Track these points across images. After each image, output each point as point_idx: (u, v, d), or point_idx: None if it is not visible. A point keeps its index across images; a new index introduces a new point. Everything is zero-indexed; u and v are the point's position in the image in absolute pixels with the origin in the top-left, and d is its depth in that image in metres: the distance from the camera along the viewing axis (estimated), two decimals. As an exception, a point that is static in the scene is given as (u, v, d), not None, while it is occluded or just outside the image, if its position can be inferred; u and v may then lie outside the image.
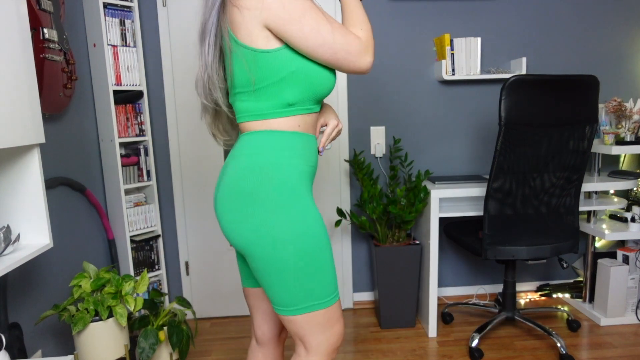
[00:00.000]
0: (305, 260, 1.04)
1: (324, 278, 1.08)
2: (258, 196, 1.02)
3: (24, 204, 1.34)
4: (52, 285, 1.83)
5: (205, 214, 2.55)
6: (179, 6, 2.37)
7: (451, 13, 2.52)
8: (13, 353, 1.50)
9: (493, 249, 1.98)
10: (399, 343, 2.26)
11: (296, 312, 1.07)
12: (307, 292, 1.06)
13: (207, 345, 2.32)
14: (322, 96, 1.10)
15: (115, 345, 1.73)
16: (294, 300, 1.06)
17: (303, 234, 1.03)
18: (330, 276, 1.09)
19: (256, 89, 1.05)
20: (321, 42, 0.99)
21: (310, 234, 1.04)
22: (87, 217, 2.14)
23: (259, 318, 1.30)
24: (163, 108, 2.45)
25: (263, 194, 1.02)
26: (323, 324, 1.10)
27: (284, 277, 1.04)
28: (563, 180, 1.92)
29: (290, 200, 1.03)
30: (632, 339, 2.22)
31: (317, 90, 1.07)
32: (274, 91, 1.04)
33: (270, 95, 1.05)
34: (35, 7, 1.57)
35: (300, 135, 1.09)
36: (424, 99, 2.58)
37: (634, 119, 2.35)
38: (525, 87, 1.76)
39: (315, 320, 1.09)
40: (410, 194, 2.28)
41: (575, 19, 2.59)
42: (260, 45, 1.01)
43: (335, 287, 1.11)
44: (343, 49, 1.01)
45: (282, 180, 1.04)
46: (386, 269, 2.33)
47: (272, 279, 1.05)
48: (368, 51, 1.05)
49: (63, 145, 1.94)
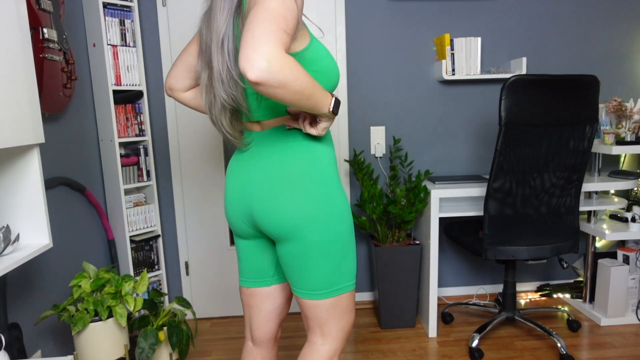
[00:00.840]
0: (345, 239, 1.11)
1: (353, 259, 1.14)
2: (312, 177, 1.08)
3: (24, 204, 1.34)
4: (51, 286, 1.82)
5: (205, 214, 2.55)
6: (178, 6, 2.37)
7: (451, 13, 2.52)
8: (13, 353, 1.49)
9: (493, 249, 1.98)
10: (399, 343, 2.26)
11: (326, 296, 1.11)
12: (339, 274, 1.11)
13: (207, 345, 2.32)
14: (334, 89, 1.13)
15: (115, 346, 1.73)
16: (328, 283, 1.10)
17: (347, 213, 1.12)
18: (355, 258, 1.15)
19: None
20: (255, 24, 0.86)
21: (349, 214, 1.13)
22: (87, 217, 2.14)
23: (260, 318, 1.29)
24: (163, 108, 2.45)
25: (316, 175, 1.08)
26: (344, 307, 1.15)
27: (327, 257, 1.09)
28: (563, 180, 1.92)
29: (336, 181, 1.12)
30: (633, 339, 2.22)
31: (333, 85, 1.10)
32: None
33: None
34: (34, 7, 1.57)
35: None
36: (424, 99, 2.58)
37: (634, 118, 2.35)
38: (525, 87, 1.76)
39: (341, 303, 1.13)
40: (410, 194, 2.28)
41: (575, 19, 2.59)
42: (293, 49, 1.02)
43: (356, 270, 1.17)
44: (251, 35, 0.85)
45: (329, 163, 1.12)
46: (386, 269, 2.33)
47: (314, 261, 1.09)
48: (262, 68, 0.83)
49: (63, 145, 1.94)
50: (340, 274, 1.11)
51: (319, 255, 1.08)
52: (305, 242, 1.08)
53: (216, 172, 2.52)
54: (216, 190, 2.53)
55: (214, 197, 2.54)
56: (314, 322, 1.15)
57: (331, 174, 1.11)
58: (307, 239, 1.07)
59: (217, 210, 2.55)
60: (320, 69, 1.06)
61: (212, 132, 2.48)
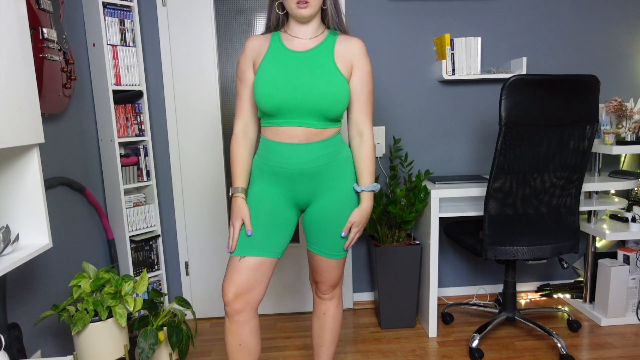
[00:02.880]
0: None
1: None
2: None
3: (24, 204, 1.34)
4: (51, 286, 1.82)
5: (205, 214, 2.55)
6: (178, 6, 2.37)
7: (451, 13, 2.52)
8: (12, 353, 1.49)
9: (493, 249, 1.98)
10: (399, 343, 2.26)
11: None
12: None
13: (207, 345, 2.32)
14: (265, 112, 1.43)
15: (115, 346, 1.72)
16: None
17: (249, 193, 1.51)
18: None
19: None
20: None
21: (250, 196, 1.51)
22: (87, 217, 2.14)
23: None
24: (163, 108, 2.45)
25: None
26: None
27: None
28: (563, 180, 1.92)
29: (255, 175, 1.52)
30: (633, 340, 2.22)
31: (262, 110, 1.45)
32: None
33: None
34: (34, 7, 1.57)
35: None
36: (424, 99, 2.58)
37: (635, 118, 2.35)
38: (525, 87, 1.75)
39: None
40: (411, 194, 2.28)
41: (575, 19, 2.58)
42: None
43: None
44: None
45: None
46: (386, 269, 2.33)
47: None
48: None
49: (62, 145, 1.94)
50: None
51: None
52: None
53: (216, 172, 2.52)
54: (216, 190, 2.53)
55: (214, 197, 2.54)
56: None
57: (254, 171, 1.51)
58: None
59: (217, 209, 2.55)
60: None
61: (212, 132, 2.48)
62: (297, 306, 2.67)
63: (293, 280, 2.64)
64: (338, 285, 1.63)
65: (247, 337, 1.42)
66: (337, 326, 1.68)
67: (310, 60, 1.39)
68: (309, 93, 1.35)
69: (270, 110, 1.38)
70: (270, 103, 1.36)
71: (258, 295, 1.41)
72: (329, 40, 1.43)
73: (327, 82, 1.36)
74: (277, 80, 1.36)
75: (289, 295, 2.65)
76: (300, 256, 2.61)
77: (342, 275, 1.61)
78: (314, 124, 1.39)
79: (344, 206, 1.47)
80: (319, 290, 1.63)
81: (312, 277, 1.64)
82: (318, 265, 1.56)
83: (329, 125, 1.42)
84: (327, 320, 1.66)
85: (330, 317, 1.65)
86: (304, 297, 2.66)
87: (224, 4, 2.42)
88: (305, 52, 1.40)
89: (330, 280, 1.58)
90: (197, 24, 2.39)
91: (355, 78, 1.43)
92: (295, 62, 1.38)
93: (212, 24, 2.40)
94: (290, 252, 2.61)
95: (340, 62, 1.40)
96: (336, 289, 1.63)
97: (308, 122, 1.39)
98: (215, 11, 2.41)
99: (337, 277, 1.59)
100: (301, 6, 1.35)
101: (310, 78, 1.36)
